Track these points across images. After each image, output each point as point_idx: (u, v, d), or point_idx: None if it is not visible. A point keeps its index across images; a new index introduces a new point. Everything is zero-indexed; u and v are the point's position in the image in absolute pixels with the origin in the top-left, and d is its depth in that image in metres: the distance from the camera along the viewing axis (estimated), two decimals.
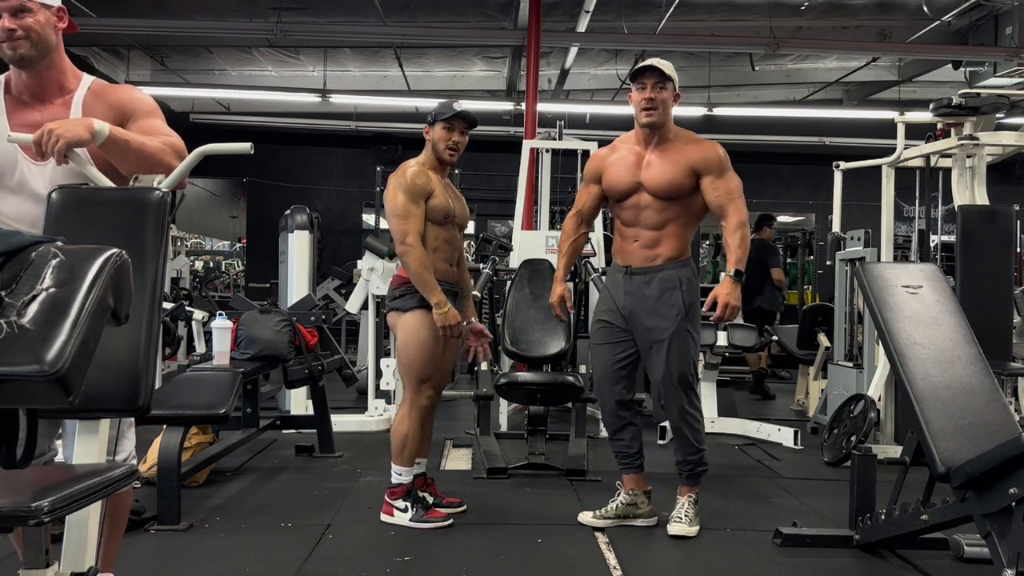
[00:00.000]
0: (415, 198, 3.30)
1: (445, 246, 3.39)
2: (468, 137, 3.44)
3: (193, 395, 3.61)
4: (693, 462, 3.36)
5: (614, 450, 3.51)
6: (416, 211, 3.29)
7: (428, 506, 3.40)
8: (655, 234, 3.31)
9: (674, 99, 3.31)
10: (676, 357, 3.27)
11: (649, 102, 3.24)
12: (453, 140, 3.36)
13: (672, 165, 3.27)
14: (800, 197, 12.36)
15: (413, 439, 3.39)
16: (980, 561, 2.88)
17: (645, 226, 3.32)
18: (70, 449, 2.03)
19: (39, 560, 1.52)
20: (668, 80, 3.25)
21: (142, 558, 2.95)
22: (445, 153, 3.37)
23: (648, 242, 3.32)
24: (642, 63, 3.30)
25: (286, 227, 6.04)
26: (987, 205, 4.71)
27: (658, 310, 3.29)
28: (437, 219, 3.36)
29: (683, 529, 3.29)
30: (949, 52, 9.12)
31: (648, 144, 3.34)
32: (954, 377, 2.85)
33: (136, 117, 2.20)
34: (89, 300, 1.43)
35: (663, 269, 3.30)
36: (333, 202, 12.47)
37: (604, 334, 3.45)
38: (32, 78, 2.15)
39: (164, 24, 8.71)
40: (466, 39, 9.83)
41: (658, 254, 3.31)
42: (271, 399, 6.19)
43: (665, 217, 3.29)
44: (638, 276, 3.34)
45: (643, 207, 3.31)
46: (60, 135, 1.91)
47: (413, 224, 3.27)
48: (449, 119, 3.35)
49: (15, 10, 2.10)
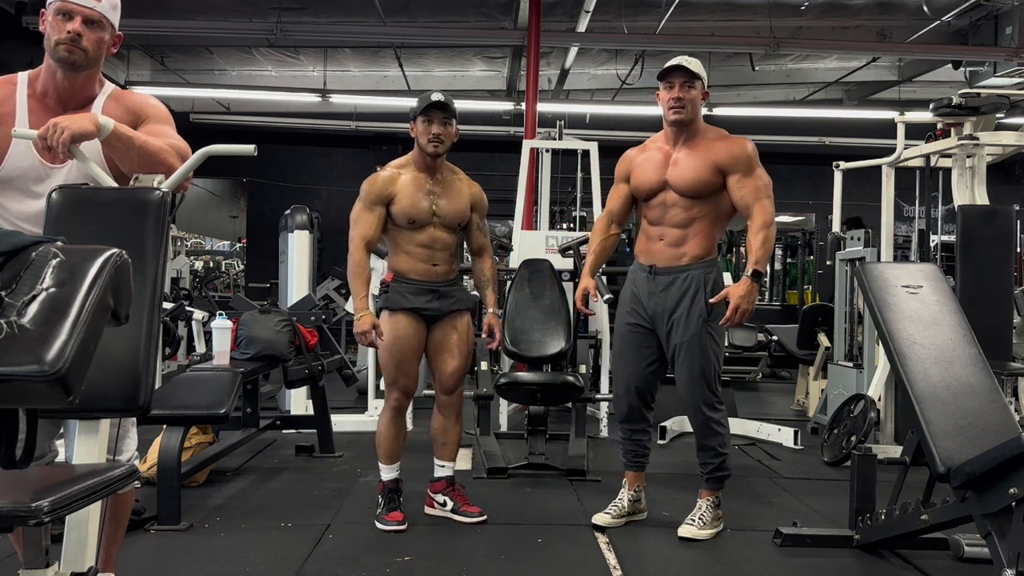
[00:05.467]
0: (369, 204, 3.35)
1: (420, 249, 3.37)
2: (453, 127, 3.38)
3: (193, 395, 3.61)
4: (715, 465, 3.32)
5: (629, 448, 3.49)
6: (367, 216, 3.34)
7: (392, 508, 3.39)
8: (681, 232, 3.26)
9: (703, 97, 3.29)
10: (699, 360, 3.23)
11: (677, 101, 3.22)
12: (433, 131, 3.33)
13: (698, 162, 3.23)
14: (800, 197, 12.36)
15: (383, 439, 3.45)
16: (980, 561, 2.87)
17: (671, 224, 3.28)
18: (70, 449, 2.03)
19: (39, 560, 1.52)
20: (696, 78, 3.23)
21: (142, 558, 2.95)
22: (428, 146, 3.34)
23: (674, 240, 3.27)
24: (670, 62, 3.26)
25: (286, 227, 6.04)
26: (987, 205, 4.71)
27: (681, 312, 3.24)
28: (401, 223, 3.35)
29: (692, 532, 3.27)
30: (949, 52, 9.12)
31: (676, 142, 3.31)
32: (954, 377, 2.85)
33: (148, 121, 2.22)
34: (89, 300, 1.43)
35: (688, 269, 3.25)
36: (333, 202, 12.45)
37: (632, 336, 3.38)
38: (66, 81, 2.16)
39: (164, 24, 8.72)
40: (466, 39, 9.83)
41: (683, 253, 3.26)
42: (271, 399, 6.19)
43: (692, 215, 3.25)
44: (662, 276, 3.29)
45: (669, 205, 3.28)
46: (65, 127, 1.92)
47: (358, 229, 3.34)
48: (425, 110, 3.33)
49: (91, 20, 2.13)
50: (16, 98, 2.16)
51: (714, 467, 3.33)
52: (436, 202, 3.37)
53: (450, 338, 3.44)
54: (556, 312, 4.78)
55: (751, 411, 6.43)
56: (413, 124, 3.39)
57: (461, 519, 3.46)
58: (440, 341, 3.44)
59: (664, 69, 3.26)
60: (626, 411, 3.45)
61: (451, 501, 3.52)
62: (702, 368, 3.24)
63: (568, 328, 4.70)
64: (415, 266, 3.38)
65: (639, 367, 3.38)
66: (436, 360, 3.46)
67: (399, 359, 3.36)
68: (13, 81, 2.19)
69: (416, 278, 3.37)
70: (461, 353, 3.47)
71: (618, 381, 3.50)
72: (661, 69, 3.27)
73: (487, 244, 3.62)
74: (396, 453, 3.47)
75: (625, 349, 3.42)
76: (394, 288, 3.38)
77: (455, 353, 3.45)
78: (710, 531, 3.30)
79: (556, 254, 5.51)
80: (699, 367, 3.24)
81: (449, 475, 3.56)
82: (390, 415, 3.44)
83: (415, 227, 3.36)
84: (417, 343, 3.39)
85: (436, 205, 3.37)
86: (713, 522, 3.33)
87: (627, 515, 3.45)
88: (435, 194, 3.38)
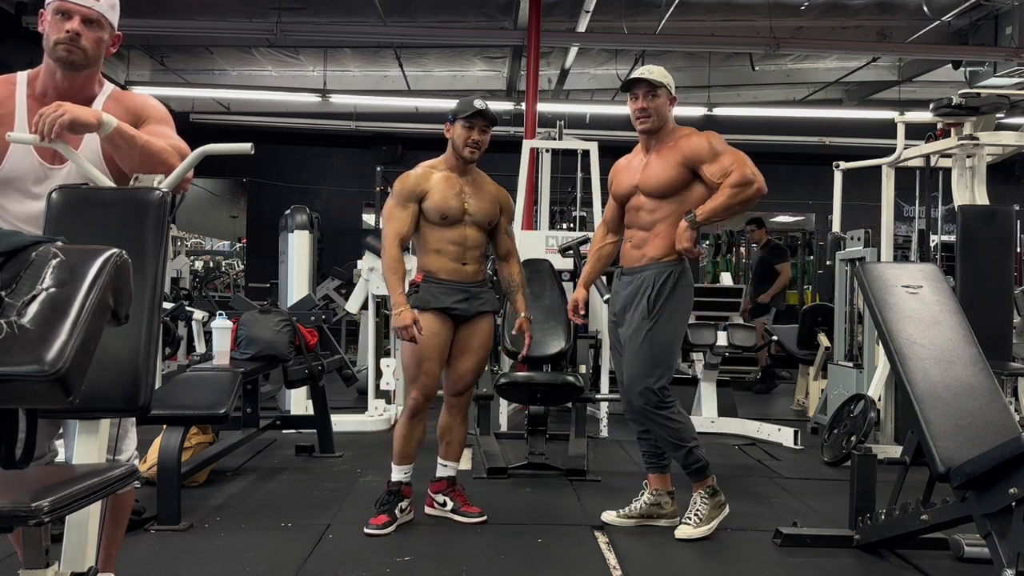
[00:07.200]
0: (402, 200, 3.37)
1: (450, 247, 3.39)
2: (489, 135, 3.44)
3: (193, 395, 3.61)
4: (682, 459, 3.32)
5: (641, 449, 3.50)
6: (400, 213, 3.35)
7: (382, 510, 3.36)
8: (645, 235, 3.35)
9: (670, 102, 3.35)
10: (636, 357, 3.27)
11: (642, 111, 3.31)
12: (473, 138, 3.37)
13: (666, 163, 3.30)
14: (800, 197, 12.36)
15: (399, 439, 3.43)
16: (980, 561, 2.88)
17: (638, 227, 3.38)
18: (70, 449, 2.03)
19: (39, 560, 1.52)
20: (659, 87, 3.29)
21: (142, 558, 2.95)
22: (465, 151, 3.38)
23: (638, 242, 3.36)
24: (630, 76, 3.35)
25: (286, 227, 6.04)
26: (987, 205, 4.70)
27: (629, 309, 3.33)
28: (434, 219, 3.37)
29: (688, 532, 3.27)
30: (949, 52, 9.13)
31: (649, 148, 3.40)
32: (954, 377, 2.85)
33: (148, 122, 2.22)
34: (89, 300, 1.43)
35: (645, 269, 3.32)
36: (333, 202, 12.48)
37: (614, 335, 3.50)
38: (66, 81, 2.16)
39: (164, 24, 8.72)
40: (466, 39, 9.83)
41: (643, 254, 3.33)
42: (271, 399, 6.19)
43: (655, 218, 3.32)
44: (626, 276, 3.40)
45: (638, 208, 3.37)
46: (67, 110, 1.93)
47: (392, 226, 3.35)
48: (469, 117, 3.36)
49: (90, 19, 2.13)
50: (15, 98, 2.15)
51: (685, 461, 3.32)
52: (467, 200, 3.40)
53: (473, 340, 3.45)
54: (556, 312, 4.78)
55: (751, 411, 6.44)
56: (450, 126, 3.42)
57: (461, 519, 3.46)
58: (464, 341, 3.44)
59: (626, 82, 3.35)
60: (627, 409, 3.46)
61: (451, 501, 3.52)
62: (640, 367, 3.25)
63: (568, 328, 4.70)
64: (445, 265, 3.38)
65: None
66: (455, 360, 3.46)
67: (421, 358, 3.35)
68: (12, 81, 2.19)
69: (446, 278, 3.38)
70: (480, 355, 3.49)
71: (618, 380, 3.55)
72: (623, 82, 3.36)
73: (514, 248, 3.64)
74: (407, 454, 3.44)
75: (613, 349, 3.54)
76: (424, 288, 3.37)
77: (475, 355, 3.47)
78: (708, 526, 3.30)
79: (556, 254, 5.51)
80: (637, 366, 3.26)
81: (451, 475, 3.56)
82: (406, 415, 3.42)
83: (447, 223, 3.38)
84: (442, 343, 3.38)
85: (467, 203, 3.40)
86: (712, 513, 3.32)
87: (641, 517, 3.44)
88: (466, 193, 3.42)
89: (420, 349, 3.32)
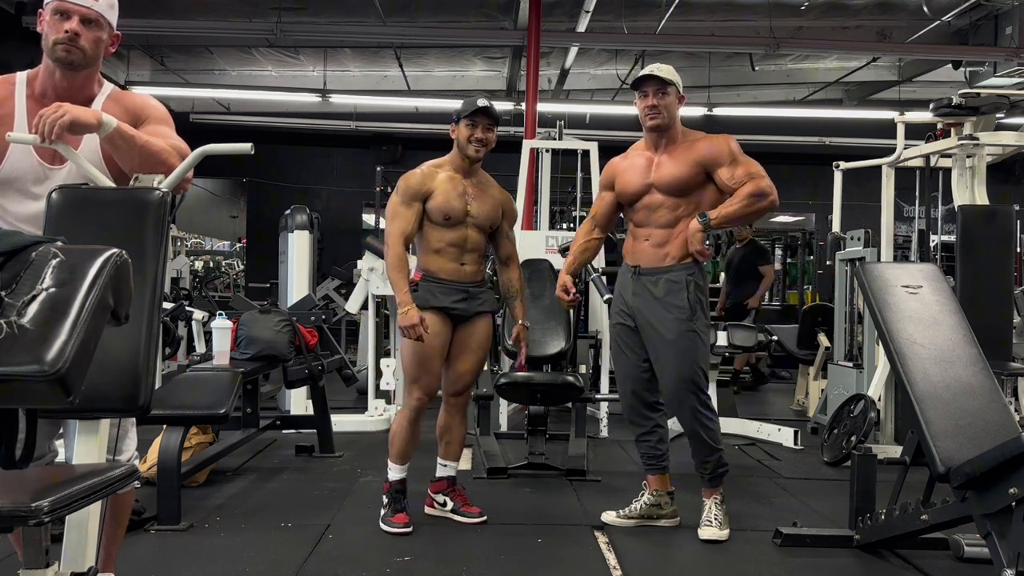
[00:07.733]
0: (407, 199, 3.37)
1: (451, 248, 3.39)
2: (494, 134, 3.44)
3: (193, 395, 3.61)
4: (712, 463, 3.33)
5: (640, 451, 3.50)
6: (405, 212, 3.36)
7: (398, 509, 3.37)
8: (666, 232, 3.32)
9: (679, 101, 3.35)
10: (684, 358, 3.26)
11: (652, 108, 3.30)
12: (476, 136, 3.38)
13: (681, 162, 3.30)
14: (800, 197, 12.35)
15: (398, 438, 3.43)
16: (980, 561, 2.87)
17: (657, 225, 3.34)
18: (70, 449, 2.03)
19: (39, 560, 1.52)
20: (669, 85, 3.29)
21: (142, 558, 2.95)
22: (469, 149, 3.38)
23: (659, 241, 3.33)
24: (641, 72, 3.34)
25: (286, 227, 6.04)
26: (987, 205, 4.70)
27: (664, 311, 3.28)
28: (436, 219, 3.37)
29: (714, 533, 3.27)
30: (949, 52, 9.12)
31: (658, 147, 3.39)
32: (954, 377, 2.85)
33: (148, 122, 2.22)
34: (89, 300, 1.43)
35: (671, 270, 3.30)
36: (333, 202, 12.46)
37: (622, 338, 3.45)
38: (65, 81, 2.16)
39: (164, 24, 8.72)
40: (466, 39, 9.83)
41: (667, 253, 3.31)
42: (271, 399, 6.19)
43: (677, 215, 3.31)
44: (646, 276, 3.35)
45: (655, 207, 3.34)
46: (68, 111, 1.93)
47: (396, 224, 3.36)
48: (471, 115, 3.37)
49: (88, 19, 2.13)
50: (15, 99, 2.15)
51: (712, 464, 3.33)
52: (470, 203, 3.41)
53: (472, 339, 3.45)
54: (556, 312, 4.78)
55: (751, 411, 6.44)
56: (455, 126, 3.42)
57: (461, 519, 3.46)
58: (463, 341, 3.44)
59: (636, 79, 3.34)
60: (628, 411, 3.47)
61: (451, 501, 3.52)
62: (689, 368, 3.26)
63: (568, 328, 4.70)
64: (445, 265, 3.39)
65: (632, 367, 3.42)
66: (454, 360, 3.46)
67: (423, 357, 3.35)
68: (11, 81, 2.19)
69: (446, 278, 3.38)
70: (479, 355, 3.50)
71: (618, 382, 3.55)
72: (634, 79, 3.36)
73: (515, 254, 3.64)
74: (408, 454, 3.45)
75: (618, 351, 3.49)
76: (424, 287, 3.38)
77: (473, 355, 3.47)
78: (727, 530, 3.31)
79: (556, 254, 5.51)
80: (686, 367, 3.25)
81: (451, 475, 3.56)
82: (409, 415, 3.42)
83: (449, 224, 3.38)
84: (442, 342, 3.39)
85: (470, 206, 3.41)
86: (725, 519, 3.33)
87: (641, 517, 3.44)
88: (469, 195, 3.42)
89: (422, 348, 3.32)
